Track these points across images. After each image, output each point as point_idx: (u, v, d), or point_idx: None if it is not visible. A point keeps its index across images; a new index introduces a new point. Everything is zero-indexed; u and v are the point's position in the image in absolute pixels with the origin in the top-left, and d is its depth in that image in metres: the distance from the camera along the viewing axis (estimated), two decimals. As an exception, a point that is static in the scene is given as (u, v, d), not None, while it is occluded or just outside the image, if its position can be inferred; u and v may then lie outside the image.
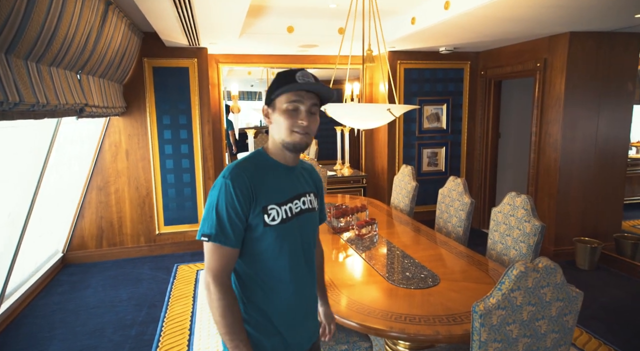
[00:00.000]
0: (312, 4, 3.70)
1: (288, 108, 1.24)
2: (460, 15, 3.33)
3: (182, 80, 4.59)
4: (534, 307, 1.46)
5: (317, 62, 5.46)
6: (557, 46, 4.14)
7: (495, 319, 1.44)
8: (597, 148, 4.23)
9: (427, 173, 5.45)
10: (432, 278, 2.21)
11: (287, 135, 1.26)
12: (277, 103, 1.26)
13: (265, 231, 1.25)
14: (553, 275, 1.47)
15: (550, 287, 1.47)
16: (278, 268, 1.29)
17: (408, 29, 4.11)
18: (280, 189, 1.30)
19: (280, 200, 1.28)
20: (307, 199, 1.37)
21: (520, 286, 1.44)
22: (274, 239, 1.27)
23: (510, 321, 1.45)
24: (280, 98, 1.25)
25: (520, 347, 1.48)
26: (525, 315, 1.46)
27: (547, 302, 1.47)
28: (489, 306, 1.43)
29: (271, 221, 1.25)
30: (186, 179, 4.76)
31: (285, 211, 1.29)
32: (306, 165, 1.48)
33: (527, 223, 2.43)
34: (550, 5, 3.04)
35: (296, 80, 1.23)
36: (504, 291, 1.44)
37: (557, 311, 1.49)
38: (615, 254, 4.12)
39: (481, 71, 5.35)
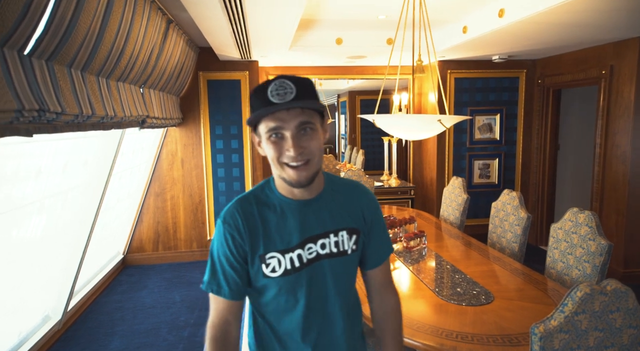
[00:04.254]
0: (361, 16, 3.73)
1: (270, 139, 0.98)
2: (515, 23, 3.21)
3: (234, 92, 4.77)
4: (601, 333, 1.35)
5: (365, 73, 5.47)
6: (626, 52, 3.87)
7: (557, 343, 1.34)
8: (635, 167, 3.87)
9: (478, 185, 5.25)
10: (486, 296, 2.11)
11: (279, 170, 1.01)
12: (260, 129, 0.99)
13: (266, 283, 1.06)
14: (624, 299, 1.35)
15: (620, 312, 1.35)
16: (288, 324, 1.10)
17: (459, 38, 4.02)
18: (286, 232, 1.05)
19: (284, 246, 1.05)
20: (329, 241, 1.08)
21: (585, 309, 1.34)
22: (276, 293, 1.07)
23: (575, 346, 1.35)
24: (260, 125, 0.99)
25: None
26: (592, 341, 1.36)
27: (618, 329, 1.36)
28: (550, 328, 1.34)
29: (270, 272, 1.04)
30: (236, 187, 4.92)
31: (291, 259, 1.04)
32: (345, 189, 1.15)
33: (591, 241, 2.26)
34: (615, 9, 2.85)
35: (267, 97, 0.94)
36: (567, 314, 1.34)
37: (629, 339, 1.37)
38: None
39: (538, 80, 5.10)
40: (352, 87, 7.65)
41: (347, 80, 6.22)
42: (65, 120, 1.81)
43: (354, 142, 7.97)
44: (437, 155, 5.19)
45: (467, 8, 3.55)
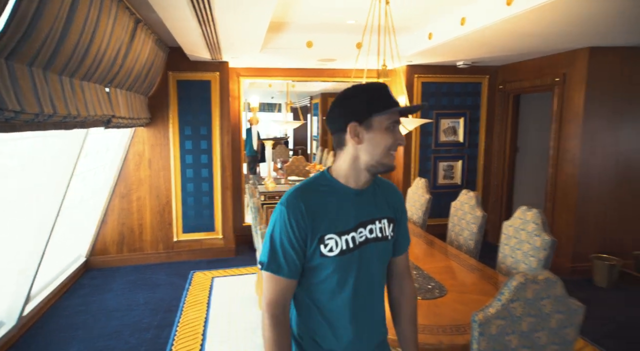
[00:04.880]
0: (330, 20, 3.83)
1: (389, 127, 1.16)
2: (476, 31, 3.38)
3: (204, 92, 4.78)
4: (533, 318, 1.48)
5: (336, 75, 5.58)
6: (577, 61, 4.13)
7: (495, 329, 1.46)
8: (618, 164, 4.16)
9: (442, 186, 5.45)
10: (440, 290, 2.23)
11: (383, 156, 1.16)
12: (376, 123, 1.15)
13: (322, 262, 1.17)
14: (554, 287, 1.49)
15: (550, 299, 1.49)
16: (337, 304, 1.20)
17: (425, 44, 4.18)
18: (342, 216, 1.18)
19: (341, 229, 1.17)
20: (375, 227, 1.23)
21: (519, 297, 1.46)
22: (331, 271, 1.18)
23: (510, 331, 1.48)
24: (381, 117, 1.15)
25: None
26: (525, 326, 1.48)
27: (547, 314, 1.49)
28: (488, 316, 1.46)
29: (328, 251, 1.16)
30: (205, 188, 4.91)
31: (346, 241, 1.17)
32: (384, 185, 1.32)
33: (537, 237, 2.43)
34: (569, 22, 3.05)
35: (391, 98, 1.17)
36: (503, 302, 1.46)
37: (557, 323, 1.50)
38: (635, 272, 4.01)
39: (499, 85, 5.35)
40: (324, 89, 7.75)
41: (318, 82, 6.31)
42: (25, 119, 1.81)
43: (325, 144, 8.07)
44: (403, 156, 5.35)
45: (431, 16, 3.70)
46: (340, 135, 1.19)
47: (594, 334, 3.17)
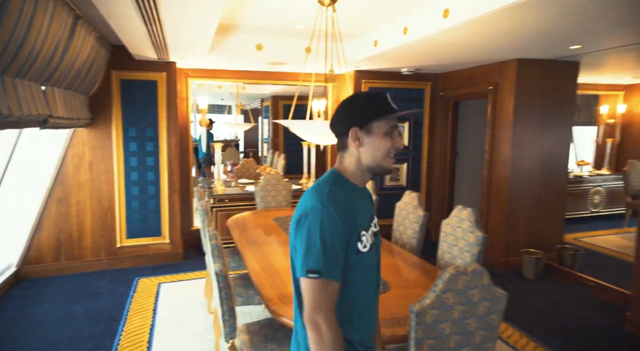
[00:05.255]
0: (280, 24, 3.88)
1: (387, 132, 1.23)
2: (417, 40, 3.58)
3: (149, 93, 4.64)
4: (463, 307, 1.62)
5: (286, 79, 5.63)
6: (507, 71, 4.49)
7: (430, 318, 1.59)
8: (542, 166, 4.56)
9: (389, 188, 5.67)
10: (384, 286, 2.35)
11: (383, 159, 1.24)
12: (375, 128, 1.23)
13: (358, 259, 1.20)
14: (480, 277, 1.64)
15: (478, 288, 1.64)
16: (363, 297, 1.26)
17: (371, 51, 4.35)
18: (363, 213, 1.25)
19: (366, 224, 1.24)
20: (375, 220, 1.34)
21: (451, 287, 1.60)
22: (364, 267, 1.23)
23: (443, 319, 1.60)
24: (380, 123, 1.22)
25: (451, 343, 1.63)
26: (456, 314, 1.62)
27: (476, 302, 1.64)
28: (424, 306, 1.58)
29: (363, 248, 1.21)
30: (151, 191, 4.76)
31: (370, 235, 1.25)
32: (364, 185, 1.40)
33: (471, 234, 2.62)
34: (498, 35, 3.33)
35: (390, 104, 1.24)
36: (437, 293, 1.59)
37: (484, 310, 1.66)
38: (557, 264, 4.42)
39: (440, 92, 5.67)
40: (275, 92, 7.77)
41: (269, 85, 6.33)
42: (-50, 117, 1.69)
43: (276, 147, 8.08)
44: (352, 159, 5.50)
45: (377, 24, 3.86)
46: (342, 138, 1.27)
47: (522, 321, 3.46)
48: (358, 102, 1.26)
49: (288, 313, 2.00)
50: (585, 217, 6.30)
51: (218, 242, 2.15)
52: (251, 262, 2.72)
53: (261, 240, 3.25)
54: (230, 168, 6.73)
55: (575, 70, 4.50)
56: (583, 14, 2.67)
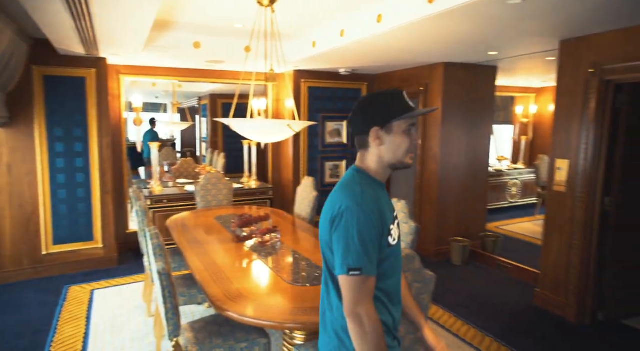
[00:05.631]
0: (218, 22, 3.85)
1: (406, 131, 1.28)
2: (353, 43, 3.75)
3: (78, 90, 4.37)
4: (398, 289, 1.78)
5: (225, 77, 5.58)
6: (435, 73, 4.83)
7: (368, 301, 1.72)
8: (467, 162, 4.98)
9: (330, 184, 5.84)
10: (326, 276, 2.47)
11: (404, 156, 1.29)
12: (395, 127, 1.27)
13: (389, 252, 1.26)
14: (412, 262, 1.80)
15: (411, 271, 1.80)
16: (394, 284, 1.31)
17: (310, 52, 4.46)
18: (389, 207, 1.31)
19: (392, 218, 1.29)
20: (396, 212, 1.38)
21: (387, 272, 1.74)
22: (394, 257, 1.29)
23: (380, 302, 1.74)
24: (399, 122, 1.26)
25: (388, 323, 1.78)
26: (392, 296, 1.77)
27: (409, 283, 1.80)
28: (363, 290, 1.71)
29: (392, 241, 1.27)
30: (80, 194, 4.50)
31: (396, 227, 1.31)
32: None
33: (405, 224, 2.83)
34: (426, 41, 3.59)
35: (408, 103, 1.28)
36: (375, 278, 1.73)
37: (416, 291, 1.82)
38: (481, 251, 4.86)
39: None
40: (213, 90, 7.62)
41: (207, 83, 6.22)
42: None
43: (215, 146, 7.94)
44: (292, 157, 5.60)
45: (316, 26, 3.98)
46: (363, 137, 1.31)
47: (451, 304, 3.78)
48: (378, 103, 1.29)
49: (233, 307, 2.04)
50: (504, 207, 6.95)
51: (160, 241, 2.13)
52: (194, 261, 2.71)
53: (203, 239, 3.23)
54: (168, 169, 6.51)
55: (493, 74, 4.96)
56: (498, 24, 2.99)
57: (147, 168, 7.34)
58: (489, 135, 5.14)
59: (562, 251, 3.53)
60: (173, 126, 8.08)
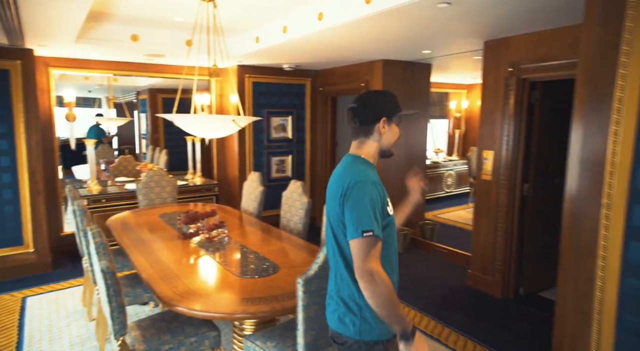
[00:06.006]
0: (157, 15, 3.75)
1: (398, 124, 1.59)
2: (296, 39, 3.82)
3: (1, 84, 4.04)
4: (342, 274, 1.90)
5: (166, 71, 5.43)
6: (375, 70, 5.04)
7: (314, 285, 1.83)
8: (406, 154, 5.27)
9: (276, 179, 5.90)
10: (273, 268, 2.54)
11: (393, 145, 1.60)
12: (395, 120, 1.56)
13: (389, 220, 1.49)
14: (354, 247, 1.93)
15: (353, 257, 1.93)
16: (394, 252, 1.55)
17: (253, 47, 4.47)
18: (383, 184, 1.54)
19: (386, 193, 1.53)
20: None
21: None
22: (392, 226, 1.52)
23: (325, 286, 1.86)
24: (397, 116, 1.56)
25: (333, 306, 1.90)
26: (336, 281, 1.89)
27: (351, 269, 1.93)
28: (309, 276, 1.81)
29: (390, 211, 1.51)
30: (7, 196, 4.18)
31: (389, 201, 1.54)
32: None
33: (349, 214, 2.97)
34: (366, 39, 3.75)
35: (399, 102, 1.59)
36: (320, 264, 1.84)
37: (358, 275, 1.96)
38: (421, 238, 5.19)
39: (320, 87, 6.07)
40: (152, 85, 7.33)
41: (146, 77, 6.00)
42: None
43: (156, 142, 7.66)
44: (238, 153, 5.58)
45: (259, 21, 3.99)
46: (369, 126, 1.54)
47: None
48: (385, 99, 1.58)
49: (182, 302, 2.06)
50: (441, 196, 7.42)
51: (103, 239, 2.09)
52: (139, 260, 2.66)
53: (147, 237, 3.17)
54: (105, 167, 6.21)
55: (428, 71, 5.27)
56: (429, 25, 3.21)
57: None
58: (425, 129, 5.46)
59: (489, 234, 3.88)
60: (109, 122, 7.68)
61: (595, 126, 1.92)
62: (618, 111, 1.79)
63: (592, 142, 1.93)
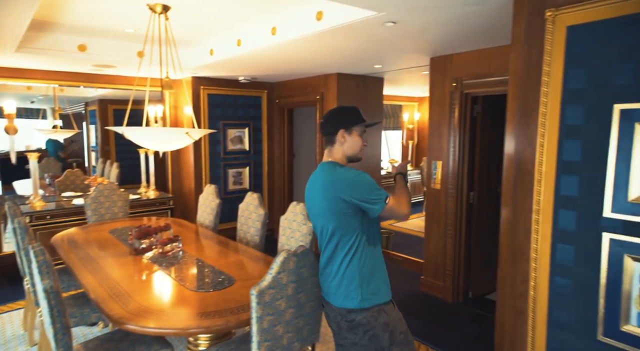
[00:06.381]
0: (107, 26, 3.66)
1: (360, 134, 1.92)
2: (250, 52, 3.87)
3: None
4: (295, 284, 1.94)
5: (116, 82, 5.29)
6: (330, 83, 5.17)
7: (268, 297, 1.85)
8: (362, 165, 5.38)
9: (233, 191, 5.85)
10: (229, 280, 2.54)
11: (358, 152, 1.94)
12: (355, 131, 1.90)
13: None
14: (308, 257, 1.98)
15: (307, 267, 1.98)
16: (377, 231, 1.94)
17: (208, 59, 4.46)
18: None
19: None
20: None
21: (285, 268, 1.89)
22: None
23: (279, 297, 1.89)
24: (357, 127, 1.90)
25: (287, 316, 1.93)
26: (290, 291, 1.93)
27: (305, 278, 1.98)
28: (263, 288, 1.84)
29: None
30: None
31: None
32: None
33: (304, 225, 3.02)
34: (319, 53, 3.85)
35: (362, 116, 1.92)
36: (274, 275, 1.87)
37: (311, 284, 2.01)
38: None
39: (276, 99, 6.12)
40: (103, 95, 7.06)
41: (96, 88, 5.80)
42: None
43: (107, 155, 7.36)
44: (194, 165, 5.50)
45: (213, 34, 3.99)
46: (332, 136, 1.90)
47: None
48: (344, 113, 1.92)
49: (133, 320, 2.01)
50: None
51: (47, 257, 2.00)
52: (87, 278, 2.56)
53: (96, 254, 3.05)
54: (50, 182, 5.90)
55: (381, 84, 5.48)
56: (378, 42, 3.36)
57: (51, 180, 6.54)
58: (380, 140, 5.64)
59: (440, 241, 4.07)
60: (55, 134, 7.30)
61: (524, 138, 2.10)
62: (543, 125, 1.97)
63: (523, 153, 2.11)
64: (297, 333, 1.99)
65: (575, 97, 1.86)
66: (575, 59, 1.86)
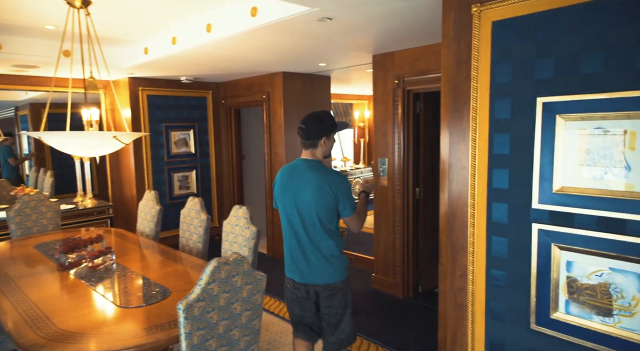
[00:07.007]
0: (23, 23, 3.35)
1: (333, 138, 2.30)
2: (186, 51, 3.69)
3: None
4: (228, 294, 1.83)
5: (42, 84, 4.89)
6: (275, 82, 5.06)
7: (197, 310, 1.73)
8: (312, 164, 5.34)
9: (179, 196, 5.59)
10: (163, 293, 2.37)
11: (331, 151, 2.33)
12: (331, 136, 2.27)
13: None
14: (241, 265, 1.88)
15: (240, 275, 1.87)
16: None
17: (142, 58, 4.21)
18: None
19: None
20: None
21: (215, 278, 1.78)
22: None
23: (210, 309, 1.77)
24: (333, 133, 2.27)
25: (220, 329, 1.82)
26: (222, 301, 1.81)
27: (239, 287, 1.87)
28: (191, 301, 1.71)
29: None
30: None
31: None
32: None
33: (247, 229, 2.90)
34: (260, 51, 3.73)
35: (335, 121, 2.30)
36: (203, 286, 1.75)
37: (247, 292, 1.90)
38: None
39: (222, 100, 5.92)
40: (34, 99, 6.53)
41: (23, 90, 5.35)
42: None
43: (42, 163, 6.83)
44: (135, 170, 5.20)
45: (146, 31, 3.77)
46: (315, 141, 2.22)
47: (304, 299, 4.00)
48: (326, 123, 2.24)
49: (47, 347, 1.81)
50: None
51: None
52: (2, 303, 2.30)
53: (16, 273, 2.77)
54: (-29, 194, 5.36)
55: (328, 83, 5.44)
56: (318, 39, 3.30)
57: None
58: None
59: (389, 237, 4.08)
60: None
61: (458, 133, 2.10)
62: (474, 120, 1.98)
63: (457, 148, 2.11)
64: (232, 347, 1.88)
65: (503, 92, 1.88)
66: (500, 54, 1.87)
